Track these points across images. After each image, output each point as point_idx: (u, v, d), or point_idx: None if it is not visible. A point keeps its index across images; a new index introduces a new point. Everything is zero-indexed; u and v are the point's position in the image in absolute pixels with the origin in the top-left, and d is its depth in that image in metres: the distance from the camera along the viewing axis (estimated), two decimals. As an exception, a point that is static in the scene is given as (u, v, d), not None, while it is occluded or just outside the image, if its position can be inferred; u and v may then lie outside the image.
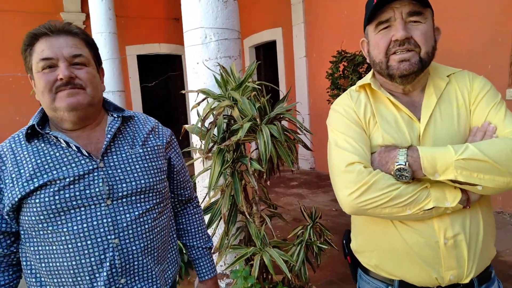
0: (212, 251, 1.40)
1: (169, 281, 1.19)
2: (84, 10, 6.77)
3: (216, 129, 1.76)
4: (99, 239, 1.01)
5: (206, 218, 1.86)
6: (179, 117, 8.41)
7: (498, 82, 3.75)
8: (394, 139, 1.01)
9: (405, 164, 0.92)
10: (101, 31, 4.61)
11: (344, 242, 1.26)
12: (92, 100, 1.05)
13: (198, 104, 1.94)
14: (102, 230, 1.01)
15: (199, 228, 1.38)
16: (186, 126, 1.88)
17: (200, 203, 1.45)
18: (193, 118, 2.13)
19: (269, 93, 1.93)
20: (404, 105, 1.05)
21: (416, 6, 0.98)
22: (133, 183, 1.07)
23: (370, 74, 1.14)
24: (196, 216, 1.38)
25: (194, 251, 1.36)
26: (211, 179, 1.71)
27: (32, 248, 1.02)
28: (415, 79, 1.04)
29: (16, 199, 0.97)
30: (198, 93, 1.95)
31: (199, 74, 2.04)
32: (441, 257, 0.99)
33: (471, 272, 1.00)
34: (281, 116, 1.85)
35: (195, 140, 2.12)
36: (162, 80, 7.41)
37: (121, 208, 1.05)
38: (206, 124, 1.89)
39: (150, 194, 1.11)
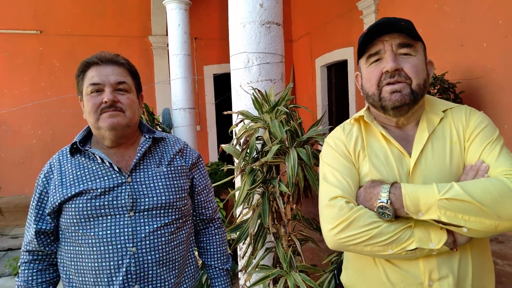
0: (229, 272, 1.44)
1: None
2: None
3: (248, 149, 1.82)
4: (119, 246, 1.11)
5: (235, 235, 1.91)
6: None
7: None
8: (381, 174, 0.98)
9: (387, 202, 0.88)
10: (176, 53, 5.02)
11: (336, 272, 1.23)
12: (129, 122, 1.18)
13: (237, 125, 2.03)
14: (122, 238, 1.11)
15: (219, 249, 1.42)
16: (223, 145, 1.97)
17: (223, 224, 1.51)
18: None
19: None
20: (396, 139, 1.00)
21: (406, 38, 0.96)
22: (155, 199, 1.16)
23: (365, 107, 1.11)
24: (217, 236, 1.43)
25: (211, 270, 1.41)
26: (239, 197, 1.77)
27: (66, 248, 1.16)
28: (408, 112, 1.00)
29: (57, 203, 1.13)
30: (238, 115, 2.04)
31: (241, 96, 2.13)
32: None
33: None
34: (315, 140, 1.85)
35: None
36: (224, 98, 7.77)
37: (141, 220, 1.14)
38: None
39: (170, 210, 1.19)
